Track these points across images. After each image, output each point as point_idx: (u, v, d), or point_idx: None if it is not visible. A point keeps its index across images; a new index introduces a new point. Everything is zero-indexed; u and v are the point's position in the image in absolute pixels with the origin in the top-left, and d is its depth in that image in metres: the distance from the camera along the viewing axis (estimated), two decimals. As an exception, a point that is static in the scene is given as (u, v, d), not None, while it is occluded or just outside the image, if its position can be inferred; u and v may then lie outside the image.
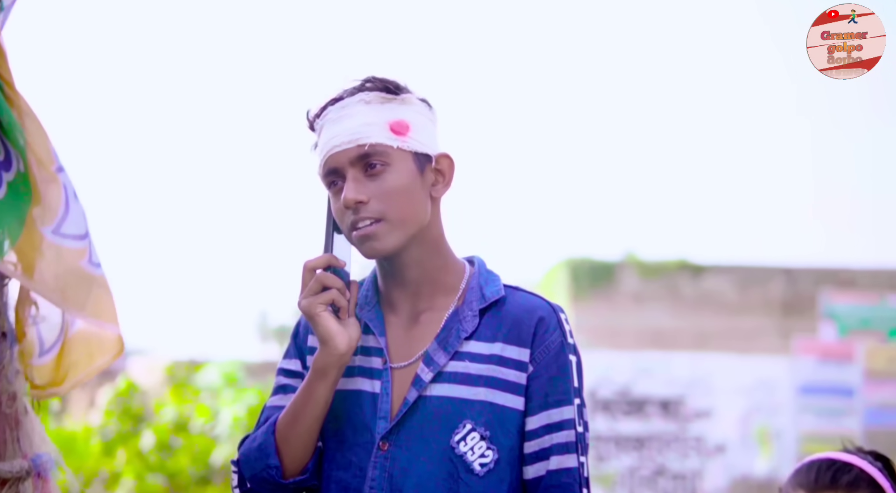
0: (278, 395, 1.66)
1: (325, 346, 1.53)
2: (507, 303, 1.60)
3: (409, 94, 1.59)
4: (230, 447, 9.31)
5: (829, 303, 13.43)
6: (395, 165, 1.55)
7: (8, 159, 1.66)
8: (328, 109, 1.58)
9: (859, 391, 13.12)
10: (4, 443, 1.66)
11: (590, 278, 13.52)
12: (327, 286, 1.53)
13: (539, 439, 1.56)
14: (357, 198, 1.53)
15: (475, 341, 1.57)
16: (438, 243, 1.62)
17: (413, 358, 1.58)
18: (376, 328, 1.61)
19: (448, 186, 1.62)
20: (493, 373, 1.56)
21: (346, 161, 1.55)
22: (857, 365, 13.22)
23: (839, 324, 13.34)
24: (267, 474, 1.56)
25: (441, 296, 1.61)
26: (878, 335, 13.41)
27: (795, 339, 13.13)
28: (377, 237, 1.54)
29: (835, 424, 13.00)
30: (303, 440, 1.56)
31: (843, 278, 13.65)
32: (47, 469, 1.71)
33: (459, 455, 1.53)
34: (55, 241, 1.67)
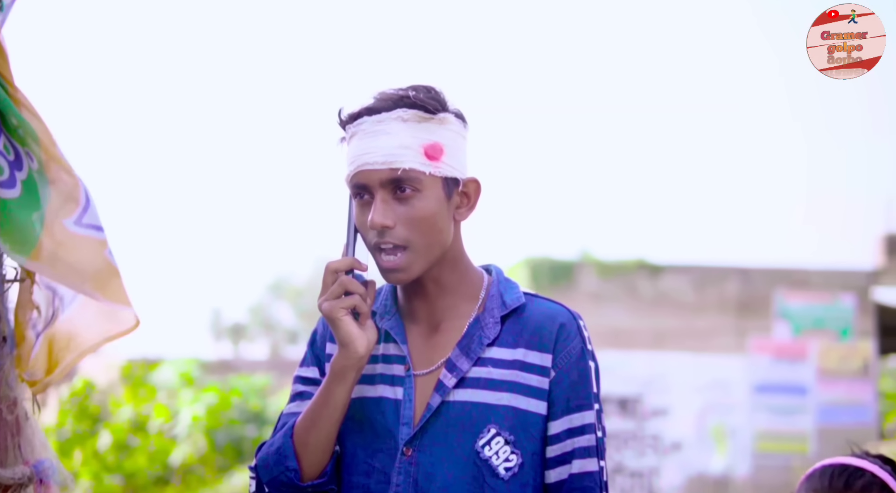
0: (295, 402, 1.66)
1: (345, 349, 1.54)
2: (527, 310, 1.61)
3: (446, 112, 1.58)
4: (189, 446, 9.23)
5: (783, 303, 13.61)
6: (425, 191, 1.55)
7: (18, 159, 1.66)
8: (364, 119, 1.57)
9: (812, 390, 13.30)
10: (6, 449, 1.65)
11: (549, 277, 13.58)
12: (350, 291, 1.54)
13: (561, 443, 1.57)
14: (384, 223, 1.53)
15: (497, 347, 1.58)
16: (458, 260, 1.63)
17: (435, 365, 1.59)
18: (398, 336, 1.61)
19: (472, 210, 1.62)
20: (516, 378, 1.57)
21: (377, 182, 1.54)
22: (811, 364, 13.41)
23: (793, 323, 13.51)
24: (285, 477, 1.56)
25: (461, 304, 1.62)
26: (831, 335, 13.61)
27: (750, 338, 13.30)
28: (403, 269, 1.55)
29: (789, 422, 13.18)
30: (321, 443, 1.56)
31: (796, 279, 13.84)
32: (49, 475, 1.70)
33: (484, 460, 1.54)
34: (78, 232, 1.67)
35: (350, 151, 1.58)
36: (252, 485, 1.61)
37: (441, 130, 1.56)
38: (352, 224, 1.59)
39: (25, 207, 1.63)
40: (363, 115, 1.57)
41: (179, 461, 9.21)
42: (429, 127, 1.55)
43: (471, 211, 1.62)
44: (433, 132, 1.55)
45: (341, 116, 1.60)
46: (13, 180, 1.65)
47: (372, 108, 1.56)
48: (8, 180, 1.65)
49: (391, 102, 1.56)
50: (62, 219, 1.65)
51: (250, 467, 1.62)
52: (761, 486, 13.09)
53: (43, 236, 1.62)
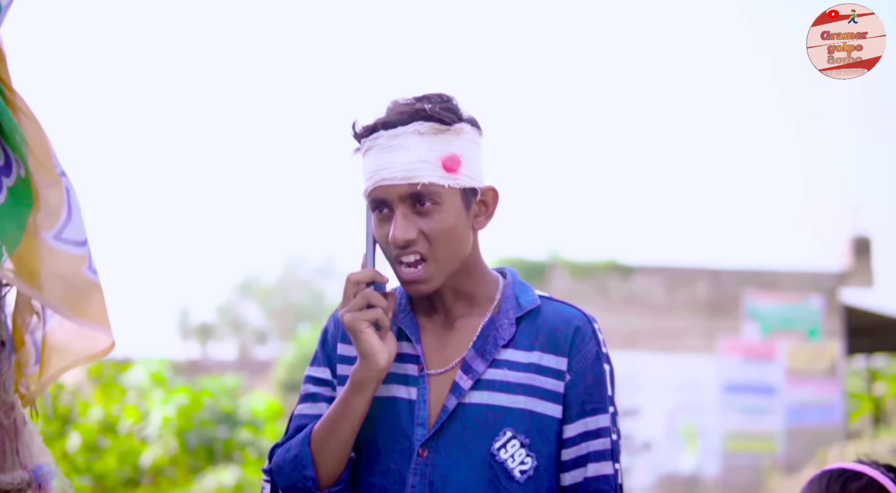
0: (307, 403, 1.65)
1: (366, 361, 1.53)
2: (542, 312, 1.61)
3: (461, 122, 1.57)
4: (160, 448, 9.15)
5: (753, 304, 13.72)
6: (444, 204, 1.54)
7: (8, 164, 1.62)
8: (380, 133, 1.55)
9: (781, 390, 13.43)
10: (4, 455, 1.63)
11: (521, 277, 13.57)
12: (372, 304, 1.53)
13: (576, 446, 1.57)
14: (406, 237, 1.53)
15: (512, 349, 1.58)
16: (475, 268, 1.63)
17: (450, 365, 1.59)
18: (412, 335, 1.61)
19: (490, 218, 1.62)
20: (532, 381, 1.57)
21: (397, 197, 1.54)
22: (779, 364, 13.54)
23: (762, 324, 13.63)
24: (303, 485, 1.55)
25: (476, 305, 1.62)
26: (799, 335, 13.74)
27: (720, 338, 13.40)
28: (424, 281, 1.55)
29: (758, 421, 13.30)
30: (338, 451, 1.56)
31: (765, 280, 13.96)
32: (47, 480, 1.68)
33: (500, 463, 1.54)
34: (56, 246, 1.63)
35: (367, 165, 1.57)
36: (266, 488, 1.60)
37: (458, 140, 1.56)
38: (370, 236, 1.59)
39: (8, 215, 1.59)
40: (379, 128, 1.55)
41: (150, 463, 9.11)
42: (445, 139, 1.55)
43: (489, 219, 1.62)
44: (450, 144, 1.55)
45: (356, 129, 1.59)
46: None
47: (388, 121, 1.55)
48: None
49: (407, 115, 1.54)
50: (42, 232, 1.62)
51: (264, 469, 1.61)
52: (731, 485, 13.20)
53: (21, 247, 1.58)
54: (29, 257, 1.59)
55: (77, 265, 1.65)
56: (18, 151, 1.62)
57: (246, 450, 10.26)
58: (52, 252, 1.62)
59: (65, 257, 1.64)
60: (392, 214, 1.54)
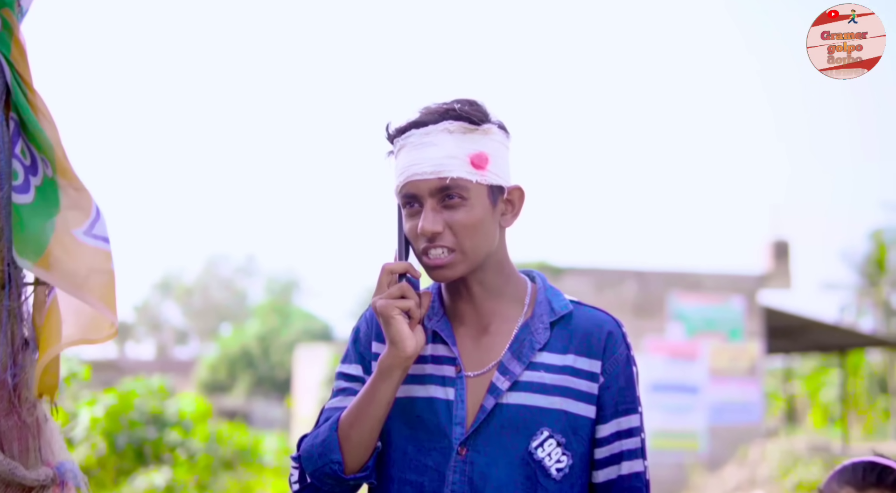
0: (338, 397, 1.70)
1: (394, 347, 1.57)
2: (574, 317, 1.68)
3: (489, 123, 1.63)
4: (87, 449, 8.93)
5: (677, 305, 13.99)
6: (472, 199, 1.60)
7: (34, 164, 1.65)
8: (412, 132, 1.62)
9: (704, 389, 13.72)
10: (27, 451, 1.62)
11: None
12: (406, 296, 1.58)
13: (609, 445, 1.64)
14: (434, 229, 1.58)
15: (548, 353, 1.64)
16: (502, 264, 1.68)
17: (486, 367, 1.64)
18: (448, 338, 1.66)
19: (517, 216, 1.68)
20: (567, 383, 1.63)
21: (426, 191, 1.60)
22: (702, 364, 13.83)
23: (686, 325, 13.90)
24: (329, 469, 1.60)
25: (506, 308, 1.67)
26: (721, 336, 14.05)
27: (646, 338, 13.62)
28: (449, 267, 1.60)
29: (681, 420, 13.56)
30: (365, 438, 1.60)
31: (690, 282, 14.25)
32: (69, 477, 1.69)
33: (538, 461, 1.60)
34: (87, 242, 1.65)
35: (399, 163, 1.63)
36: (294, 474, 1.65)
37: (485, 140, 1.62)
38: (402, 233, 1.64)
39: (38, 214, 1.61)
40: (411, 128, 1.62)
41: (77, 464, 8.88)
42: (474, 137, 1.61)
43: (515, 217, 1.67)
44: (478, 142, 1.61)
45: (389, 131, 1.65)
46: (27, 185, 1.63)
47: (419, 121, 1.62)
48: (22, 185, 1.63)
49: (437, 114, 1.61)
50: (72, 228, 1.63)
51: (293, 457, 1.66)
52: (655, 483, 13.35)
53: (52, 244, 1.60)
54: (60, 252, 1.60)
55: (107, 261, 1.66)
56: (45, 152, 1.63)
57: (176, 451, 10.09)
58: (81, 247, 1.63)
59: (95, 252, 1.65)
60: (421, 209, 1.60)
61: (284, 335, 30.80)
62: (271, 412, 27.12)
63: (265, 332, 31.17)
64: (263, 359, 30.42)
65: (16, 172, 1.62)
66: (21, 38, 1.66)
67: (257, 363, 30.32)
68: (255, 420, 24.26)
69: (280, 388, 29.33)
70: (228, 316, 40.91)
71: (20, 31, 1.66)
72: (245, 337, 31.38)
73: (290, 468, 1.67)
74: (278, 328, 31.57)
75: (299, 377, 22.62)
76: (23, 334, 1.65)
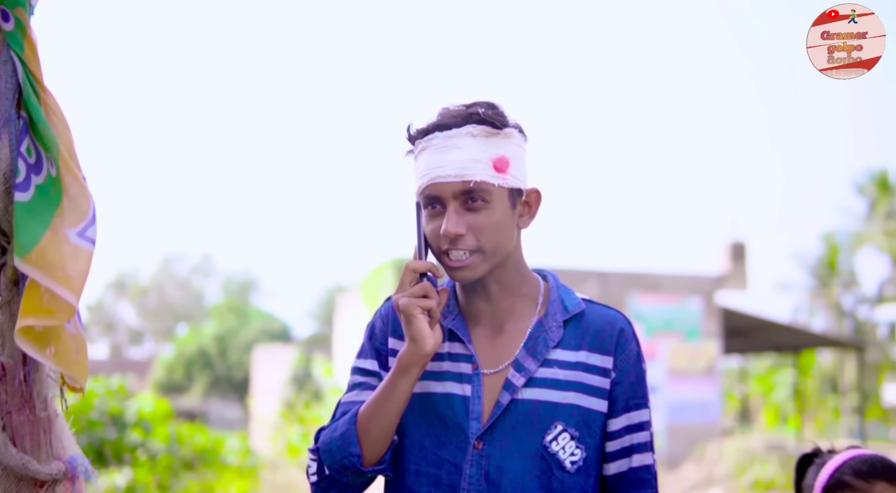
0: (354, 391, 1.73)
1: (414, 344, 1.61)
2: (586, 314, 1.72)
3: (510, 127, 1.66)
4: None
5: (637, 305, 14.11)
6: (493, 202, 1.64)
7: (39, 162, 1.65)
8: (435, 135, 1.65)
9: (662, 388, 13.86)
10: (39, 446, 1.64)
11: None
12: (428, 295, 1.61)
13: (621, 438, 1.69)
14: (458, 231, 1.61)
15: (561, 350, 1.68)
16: (518, 264, 1.72)
17: (502, 365, 1.68)
18: (464, 336, 1.70)
19: (533, 218, 1.72)
20: (580, 379, 1.67)
21: (450, 193, 1.63)
22: (661, 363, 13.97)
23: (646, 325, 14.02)
24: (349, 462, 1.64)
25: (520, 307, 1.72)
26: (679, 336, 14.21)
27: (606, 339, 13.72)
28: (470, 268, 1.64)
29: (641, 419, 13.68)
30: (383, 432, 1.64)
31: (649, 282, 14.39)
32: (80, 472, 1.69)
33: (552, 454, 1.64)
34: (78, 242, 1.65)
35: (421, 164, 1.66)
36: (313, 466, 1.69)
37: (507, 143, 1.65)
38: (421, 232, 1.67)
39: (35, 213, 1.61)
40: (434, 130, 1.65)
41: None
42: (496, 141, 1.64)
43: (532, 219, 1.72)
44: (500, 146, 1.64)
45: (410, 132, 1.68)
46: (28, 184, 1.63)
47: (442, 124, 1.64)
48: (23, 183, 1.64)
49: (460, 118, 1.64)
50: (66, 228, 1.64)
51: (311, 449, 1.69)
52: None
53: (44, 242, 1.60)
54: (50, 250, 1.60)
55: (87, 262, 1.66)
56: (51, 151, 1.63)
57: (136, 452, 9.98)
58: (72, 247, 1.63)
59: (82, 253, 1.65)
60: (444, 211, 1.64)
61: (242, 335, 30.55)
62: (228, 412, 26.89)
63: (223, 332, 30.90)
64: (221, 359, 30.15)
65: (18, 170, 1.63)
66: (33, 37, 1.66)
67: (214, 364, 30.04)
68: (211, 421, 24.03)
69: (237, 388, 29.08)
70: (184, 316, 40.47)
71: (32, 30, 1.66)
72: (202, 337, 31.07)
73: (308, 460, 1.70)
74: (236, 328, 31.30)
75: (258, 378, 22.47)
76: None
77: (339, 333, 18.11)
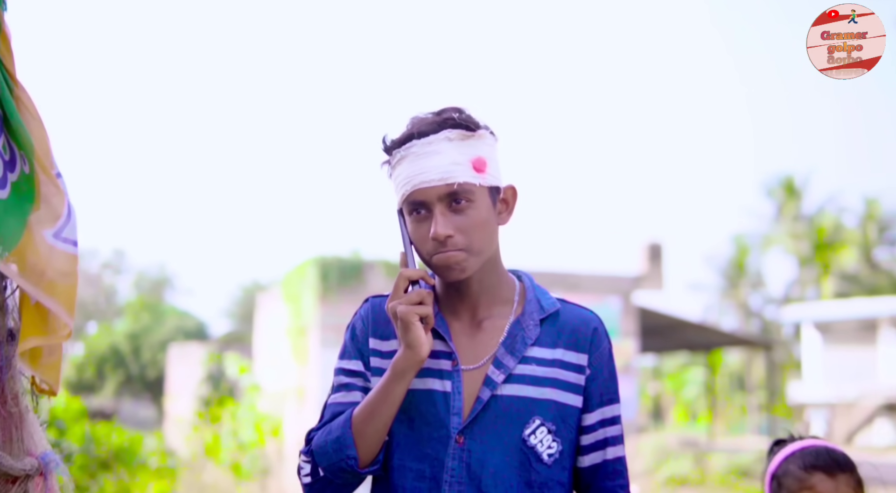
0: (341, 392, 1.77)
1: (411, 350, 1.65)
2: (562, 314, 1.79)
3: (482, 129, 1.72)
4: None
5: (558, 304, 14.25)
6: (477, 201, 1.69)
7: (13, 160, 1.63)
8: (414, 143, 1.69)
9: (582, 387, 14.04)
10: (11, 442, 1.63)
11: (338, 276, 13.51)
12: (424, 302, 1.66)
13: (595, 432, 1.76)
14: (447, 233, 1.66)
15: (538, 347, 1.74)
16: (496, 262, 1.78)
17: (481, 361, 1.73)
18: (445, 334, 1.74)
19: (511, 214, 1.77)
20: (557, 375, 1.73)
21: (435, 197, 1.68)
22: (581, 362, 14.15)
23: (566, 324, 14.14)
24: (346, 464, 1.68)
25: (498, 306, 1.77)
26: (599, 335, 14.39)
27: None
28: (462, 268, 1.69)
29: (561, 417, 13.84)
30: (378, 434, 1.68)
31: (569, 282, 14.56)
32: (52, 468, 1.70)
33: (531, 447, 1.70)
34: (56, 245, 1.64)
35: (402, 172, 1.70)
36: (306, 468, 1.72)
37: (481, 144, 1.71)
38: (407, 238, 1.72)
39: (11, 211, 1.58)
40: (412, 139, 1.69)
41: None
42: (472, 143, 1.70)
43: (510, 215, 1.77)
44: (476, 147, 1.70)
45: (386, 142, 1.73)
46: (4, 181, 1.60)
47: (420, 131, 1.69)
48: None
49: (436, 124, 1.70)
50: (43, 229, 1.62)
51: (303, 451, 1.73)
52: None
53: (23, 242, 1.58)
54: (29, 252, 1.59)
55: (73, 264, 1.66)
56: (24, 148, 1.61)
57: (51, 452, 9.66)
58: (51, 250, 1.62)
59: (63, 256, 1.64)
60: (429, 215, 1.68)
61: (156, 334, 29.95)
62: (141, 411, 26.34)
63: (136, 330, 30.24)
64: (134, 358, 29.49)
65: None
66: (7, 31, 1.63)
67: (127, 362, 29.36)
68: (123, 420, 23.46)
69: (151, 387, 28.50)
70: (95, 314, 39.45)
71: (5, 23, 1.63)
72: (114, 335, 30.34)
73: (301, 462, 1.73)
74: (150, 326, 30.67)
75: (173, 376, 22.03)
76: (9, 326, 1.64)
77: (259, 331, 17.88)
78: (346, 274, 13.47)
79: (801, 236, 35.48)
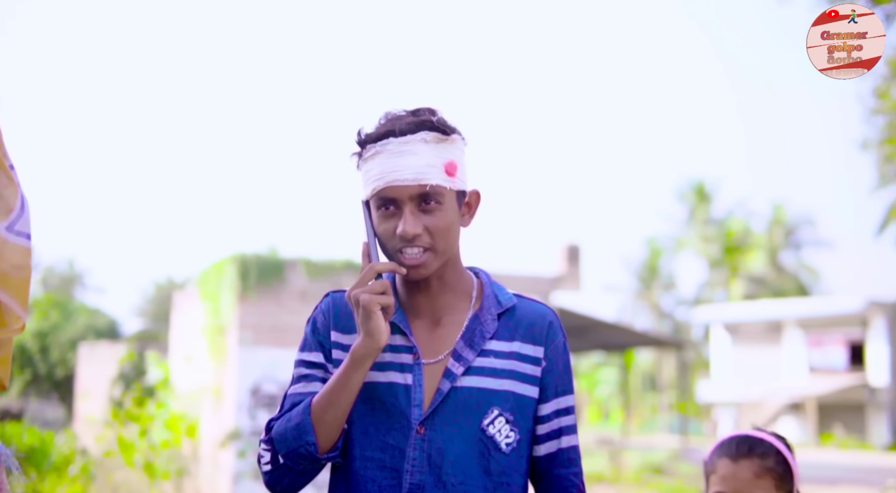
0: (300, 383, 1.82)
1: (370, 339, 1.70)
2: (518, 308, 1.85)
3: (455, 133, 1.78)
4: None
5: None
6: (445, 203, 1.75)
7: None
8: (390, 140, 1.74)
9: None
10: None
11: (258, 275, 13.32)
12: (386, 292, 1.70)
13: (550, 422, 1.83)
14: (415, 232, 1.72)
15: (496, 341, 1.81)
16: (456, 261, 1.84)
17: (441, 355, 1.79)
18: (405, 328, 1.80)
19: (473, 217, 1.84)
20: (514, 367, 1.80)
21: (407, 196, 1.73)
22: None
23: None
24: (305, 450, 1.73)
25: (457, 302, 1.84)
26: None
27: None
28: (425, 266, 1.75)
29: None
30: (337, 421, 1.73)
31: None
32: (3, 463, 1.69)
33: (489, 437, 1.76)
34: (9, 238, 1.62)
35: (375, 167, 1.75)
36: (266, 456, 1.76)
37: (453, 149, 1.77)
38: (371, 231, 1.77)
39: None
40: (389, 136, 1.74)
41: None
42: (446, 147, 1.76)
43: (472, 218, 1.84)
44: (449, 151, 1.76)
45: (361, 136, 1.77)
46: None
47: (397, 130, 1.74)
48: None
49: (414, 125, 1.74)
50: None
51: (263, 440, 1.77)
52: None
53: None
54: None
55: (27, 257, 1.64)
56: None
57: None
58: (5, 243, 1.60)
59: (17, 249, 1.62)
60: (398, 212, 1.74)
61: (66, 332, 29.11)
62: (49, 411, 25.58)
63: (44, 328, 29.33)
64: (41, 357, 28.61)
65: None
66: None
67: (35, 361, 28.47)
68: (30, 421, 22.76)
69: (59, 387, 27.69)
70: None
71: None
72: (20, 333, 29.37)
73: (261, 450, 1.77)
74: (59, 324, 29.78)
75: (83, 376, 21.45)
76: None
77: (175, 330, 17.52)
78: (265, 272, 13.28)
79: (712, 240, 36.36)
